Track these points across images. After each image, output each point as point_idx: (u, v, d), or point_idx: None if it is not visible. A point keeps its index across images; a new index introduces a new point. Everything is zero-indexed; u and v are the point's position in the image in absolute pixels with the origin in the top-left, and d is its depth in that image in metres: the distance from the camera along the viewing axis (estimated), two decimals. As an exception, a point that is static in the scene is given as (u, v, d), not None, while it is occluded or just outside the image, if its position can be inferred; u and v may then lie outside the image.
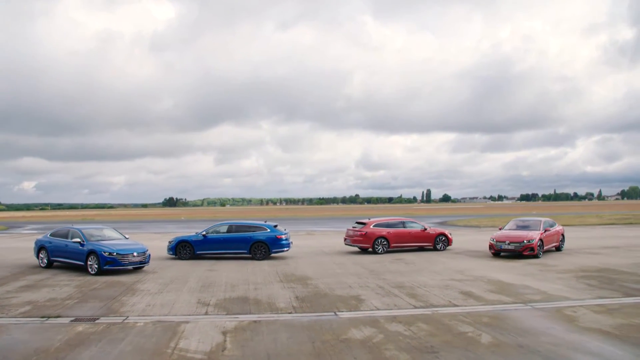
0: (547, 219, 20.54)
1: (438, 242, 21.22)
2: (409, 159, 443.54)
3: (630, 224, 41.51)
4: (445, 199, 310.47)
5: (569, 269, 15.24)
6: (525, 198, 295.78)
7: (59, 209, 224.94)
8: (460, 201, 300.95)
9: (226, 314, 9.86)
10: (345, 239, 21.38)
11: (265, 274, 15.15)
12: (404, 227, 21.07)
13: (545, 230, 18.82)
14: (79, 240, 15.40)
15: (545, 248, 18.72)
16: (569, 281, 13.13)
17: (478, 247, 21.81)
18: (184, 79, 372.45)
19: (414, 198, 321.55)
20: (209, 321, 9.28)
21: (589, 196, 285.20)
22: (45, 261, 16.35)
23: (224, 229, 19.34)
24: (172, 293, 12.10)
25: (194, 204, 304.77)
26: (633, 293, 11.46)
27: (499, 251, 18.54)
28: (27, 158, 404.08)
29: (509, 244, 18.11)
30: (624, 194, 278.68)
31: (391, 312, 9.80)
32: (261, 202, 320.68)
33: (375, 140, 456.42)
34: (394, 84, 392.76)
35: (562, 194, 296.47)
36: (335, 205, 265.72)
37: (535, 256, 17.82)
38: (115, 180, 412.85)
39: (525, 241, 17.84)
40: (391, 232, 20.49)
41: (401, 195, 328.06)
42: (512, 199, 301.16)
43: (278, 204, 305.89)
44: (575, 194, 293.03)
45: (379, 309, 10.14)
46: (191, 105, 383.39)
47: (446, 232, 21.86)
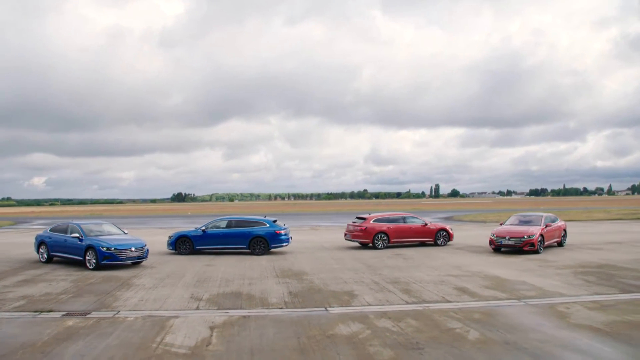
0: (549, 214, 20.33)
1: (439, 238, 21.10)
2: (417, 153, 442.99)
3: (638, 219, 41.00)
4: (454, 194, 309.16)
5: (568, 265, 15.08)
6: (535, 193, 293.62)
7: (69, 204, 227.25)
8: (468, 196, 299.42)
9: (217, 309, 9.86)
10: (345, 234, 21.33)
11: (262, 269, 15.15)
12: (405, 222, 20.98)
13: (547, 226, 18.63)
14: (77, 235, 15.50)
15: (546, 244, 18.53)
16: (566, 277, 12.99)
17: (480, 243, 21.64)
18: (192, 75, 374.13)
19: (423, 193, 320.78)
20: (198, 316, 9.29)
21: (598, 191, 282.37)
22: (45, 256, 16.48)
23: (224, 224, 19.35)
24: (167, 288, 12.13)
25: (203, 199, 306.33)
26: (630, 289, 11.30)
27: (499, 247, 18.40)
28: (37, 154, 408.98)
29: (509, 240, 17.96)
30: (634, 189, 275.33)
31: (382, 308, 9.75)
32: (269, 197, 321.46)
33: (384, 135, 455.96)
34: (402, 79, 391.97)
35: (572, 189, 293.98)
36: (343, 201, 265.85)
37: (536, 252, 17.65)
38: (125, 175, 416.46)
39: (525, 236, 17.68)
40: (391, 228, 20.40)
41: (409, 190, 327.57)
42: (521, 194, 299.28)
43: (286, 199, 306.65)
44: (585, 189, 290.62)
45: (370, 305, 10.09)
46: (200, 100, 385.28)
47: (447, 227, 21.72)
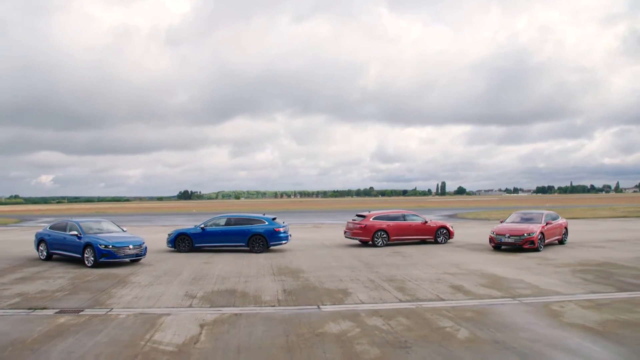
0: (550, 212, 20.17)
1: (439, 235, 21.01)
2: (424, 151, 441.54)
3: (644, 216, 40.64)
4: (460, 191, 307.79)
5: (567, 263, 14.96)
6: (541, 190, 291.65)
7: (76, 202, 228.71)
8: (475, 194, 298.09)
9: (210, 307, 9.87)
10: (345, 232, 21.30)
11: (259, 266, 15.15)
12: (405, 220, 20.90)
13: (547, 224, 18.49)
14: (76, 233, 15.57)
15: (547, 241, 18.39)
16: (564, 275, 12.87)
17: (480, 240, 21.51)
18: (199, 73, 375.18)
19: (429, 191, 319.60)
20: (190, 314, 9.30)
21: (606, 188, 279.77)
22: (45, 254, 16.58)
23: (223, 221, 19.38)
24: (163, 285, 12.16)
25: (209, 197, 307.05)
26: (627, 288, 11.18)
27: (499, 244, 18.28)
28: (45, 152, 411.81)
29: (508, 237, 17.84)
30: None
31: (375, 306, 9.71)
32: (275, 195, 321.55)
33: (390, 132, 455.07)
34: (409, 76, 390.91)
35: (579, 186, 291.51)
36: (349, 198, 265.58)
37: (536, 249, 17.53)
38: (131, 173, 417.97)
39: (525, 234, 17.55)
40: (391, 225, 20.33)
41: (416, 187, 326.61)
42: (528, 191, 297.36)
43: (292, 197, 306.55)
44: (592, 186, 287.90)
45: (363, 303, 10.05)
46: (206, 98, 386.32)
47: (447, 225, 21.62)
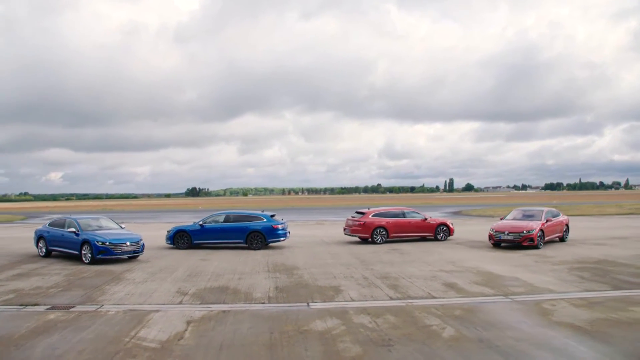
0: (551, 208, 19.99)
1: (439, 232, 20.89)
2: (432, 148, 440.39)
3: (652, 214, 40.19)
4: (468, 188, 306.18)
5: (565, 261, 14.80)
6: (550, 187, 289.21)
7: (85, 199, 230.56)
8: (483, 190, 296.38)
9: (200, 304, 9.88)
10: (344, 229, 21.25)
11: (255, 263, 15.15)
12: (404, 217, 20.81)
13: (547, 221, 18.31)
14: (74, 230, 15.67)
15: (547, 239, 18.23)
16: (560, 273, 12.74)
17: (481, 238, 21.35)
18: (207, 70, 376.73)
19: (437, 187, 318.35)
20: (179, 310, 9.31)
21: (615, 185, 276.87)
22: (44, 250, 16.71)
23: (222, 218, 19.40)
24: (156, 282, 12.20)
25: (217, 194, 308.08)
26: (623, 286, 11.03)
27: (498, 241, 18.15)
28: (54, 149, 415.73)
29: (508, 234, 17.70)
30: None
31: (364, 304, 9.66)
32: (283, 192, 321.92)
33: (399, 129, 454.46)
34: (417, 73, 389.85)
35: (588, 183, 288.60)
36: (357, 195, 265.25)
37: (535, 247, 17.37)
38: (140, 170, 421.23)
39: (524, 231, 17.40)
40: (390, 222, 20.25)
41: (423, 184, 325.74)
42: (536, 188, 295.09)
43: (300, 194, 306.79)
44: (601, 183, 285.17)
45: (353, 300, 10.01)
46: (214, 95, 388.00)
47: (447, 222, 21.49)
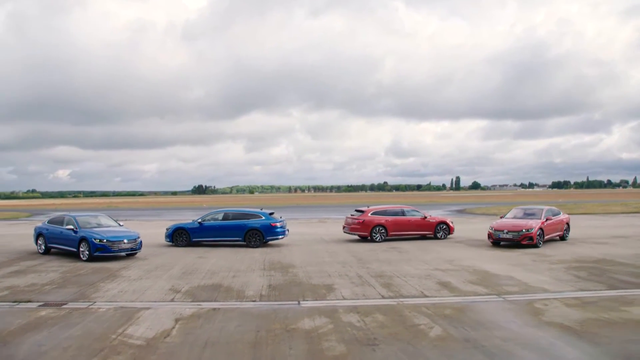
0: (551, 207, 19.83)
1: (439, 231, 20.80)
2: (439, 146, 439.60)
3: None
4: (475, 186, 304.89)
5: (564, 260, 14.67)
6: (557, 185, 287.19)
7: (92, 196, 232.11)
8: (489, 189, 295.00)
9: (191, 301, 9.89)
10: (344, 227, 21.21)
11: (252, 261, 15.15)
12: (404, 216, 20.74)
13: (547, 219, 18.16)
14: (72, 227, 15.75)
15: (547, 237, 18.09)
16: (557, 272, 12.63)
17: (482, 236, 21.18)
18: (215, 68, 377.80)
19: (443, 186, 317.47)
20: (170, 308, 9.33)
21: (623, 184, 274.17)
22: (43, 247, 16.81)
23: (220, 216, 19.42)
24: (151, 280, 12.23)
25: (223, 192, 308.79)
26: (619, 286, 10.91)
27: (497, 240, 18.03)
28: (62, 147, 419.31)
29: (507, 233, 17.58)
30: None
31: (355, 302, 9.63)
32: (289, 190, 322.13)
33: (405, 127, 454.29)
34: (425, 71, 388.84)
35: (595, 181, 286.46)
36: (363, 193, 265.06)
37: (535, 246, 17.24)
38: (147, 168, 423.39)
39: (523, 230, 17.27)
40: (389, 220, 20.19)
41: (430, 182, 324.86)
42: (544, 186, 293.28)
43: (306, 192, 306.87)
44: (609, 181, 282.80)
45: (345, 299, 9.98)
46: (222, 93, 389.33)
47: (447, 221, 21.39)
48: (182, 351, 6.82)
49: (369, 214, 20.30)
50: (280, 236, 18.95)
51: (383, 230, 19.98)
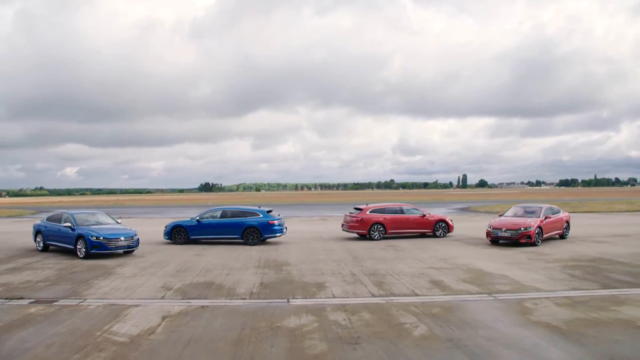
0: (551, 205, 19.68)
1: (438, 229, 20.72)
2: (446, 143, 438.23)
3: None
4: (482, 184, 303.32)
5: (560, 258, 14.56)
6: (565, 184, 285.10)
7: (99, 194, 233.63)
8: (496, 187, 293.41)
9: (181, 299, 9.91)
10: (342, 225, 21.17)
11: (247, 259, 15.17)
12: (402, 213, 20.67)
13: (546, 218, 18.02)
14: (69, 224, 15.84)
15: (546, 236, 17.96)
16: (551, 271, 12.52)
17: (481, 235, 21.01)
18: (222, 65, 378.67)
19: (450, 183, 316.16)
20: (159, 305, 9.36)
21: (631, 182, 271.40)
22: (42, 245, 16.94)
23: (218, 214, 19.47)
24: (145, 277, 12.27)
25: (230, 189, 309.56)
26: (612, 285, 10.80)
27: (496, 239, 17.93)
28: (70, 144, 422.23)
29: (505, 232, 17.46)
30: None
31: (344, 301, 9.61)
32: (296, 187, 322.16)
33: (413, 125, 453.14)
34: (432, 68, 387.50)
35: (603, 179, 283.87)
36: (369, 191, 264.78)
37: (533, 244, 17.12)
38: (154, 165, 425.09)
39: (522, 228, 17.15)
40: (388, 218, 20.13)
41: (437, 180, 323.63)
42: (551, 184, 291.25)
43: (313, 189, 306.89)
44: (617, 179, 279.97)
45: (335, 297, 9.96)
46: (229, 91, 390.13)
47: (446, 219, 21.30)
48: (164, 348, 6.84)
49: (368, 212, 20.25)
50: (278, 234, 18.96)
51: (381, 228, 19.93)
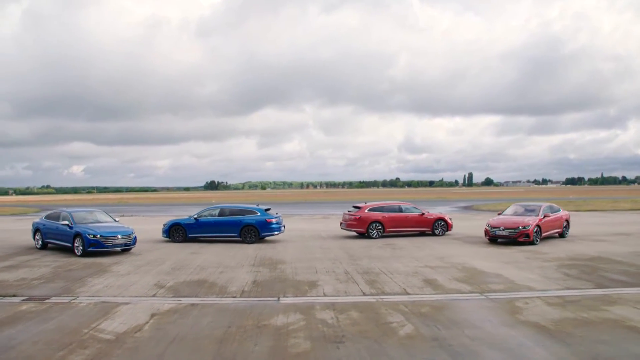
0: (550, 204, 19.55)
1: (436, 227, 20.65)
2: (452, 142, 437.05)
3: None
4: (487, 182, 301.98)
5: (557, 257, 14.46)
6: (571, 182, 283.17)
7: (105, 192, 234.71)
8: (502, 185, 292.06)
9: (172, 297, 9.94)
10: (341, 224, 21.15)
11: (243, 257, 15.18)
12: (401, 212, 20.61)
13: (545, 216, 17.90)
14: (67, 222, 15.93)
15: (545, 234, 17.86)
16: (547, 270, 12.44)
17: (480, 233, 20.90)
18: (228, 64, 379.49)
19: (456, 182, 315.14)
20: (149, 303, 9.38)
21: (638, 180, 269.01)
22: (40, 243, 17.04)
23: (216, 212, 19.52)
24: (139, 275, 12.31)
25: (235, 188, 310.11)
26: (607, 284, 10.71)
27: (494, 237, 17.84)
28: (76, 143, 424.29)
29: (503, 230, 17.37)
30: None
31: (335, 299, 9.59)
32: (302, 186, 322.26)
33: (419, 123, 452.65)
34: (438, 66, 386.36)
35: (610, 177, 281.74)
36: (375, 189, 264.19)
37: (531, 243, 17.01)
38: (160, 164, 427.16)
39: (520, 227, 17.04)
40: (386, 217, 20.08)
41: (442, 178, 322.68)
42: (557, 182, 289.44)
43: (319, 187, 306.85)
44: (624, 177, 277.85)
45: (325, 295, 9.95)
46: (235, 89, 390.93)
47: (445, 217, 21.22)
48: (148, 345, 6.86)
49: (366, 210, 20.22)
50: (275, 232, 18.97)
51: (380, 227, 19.89)
